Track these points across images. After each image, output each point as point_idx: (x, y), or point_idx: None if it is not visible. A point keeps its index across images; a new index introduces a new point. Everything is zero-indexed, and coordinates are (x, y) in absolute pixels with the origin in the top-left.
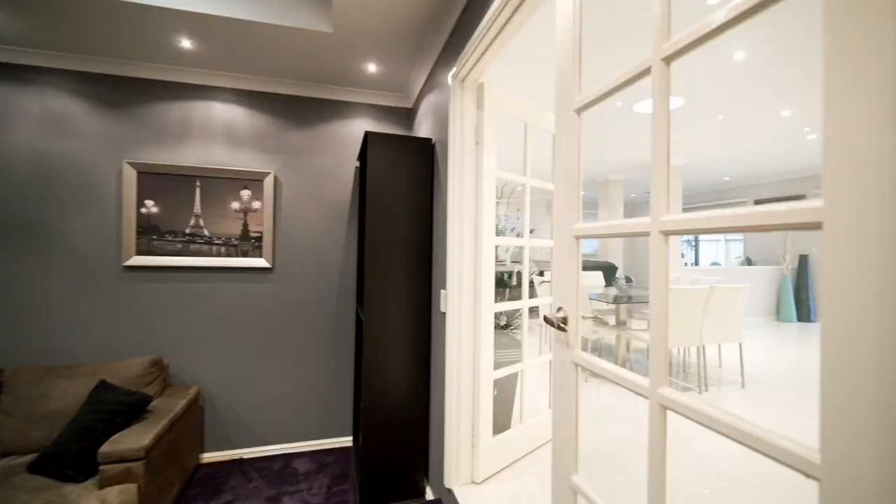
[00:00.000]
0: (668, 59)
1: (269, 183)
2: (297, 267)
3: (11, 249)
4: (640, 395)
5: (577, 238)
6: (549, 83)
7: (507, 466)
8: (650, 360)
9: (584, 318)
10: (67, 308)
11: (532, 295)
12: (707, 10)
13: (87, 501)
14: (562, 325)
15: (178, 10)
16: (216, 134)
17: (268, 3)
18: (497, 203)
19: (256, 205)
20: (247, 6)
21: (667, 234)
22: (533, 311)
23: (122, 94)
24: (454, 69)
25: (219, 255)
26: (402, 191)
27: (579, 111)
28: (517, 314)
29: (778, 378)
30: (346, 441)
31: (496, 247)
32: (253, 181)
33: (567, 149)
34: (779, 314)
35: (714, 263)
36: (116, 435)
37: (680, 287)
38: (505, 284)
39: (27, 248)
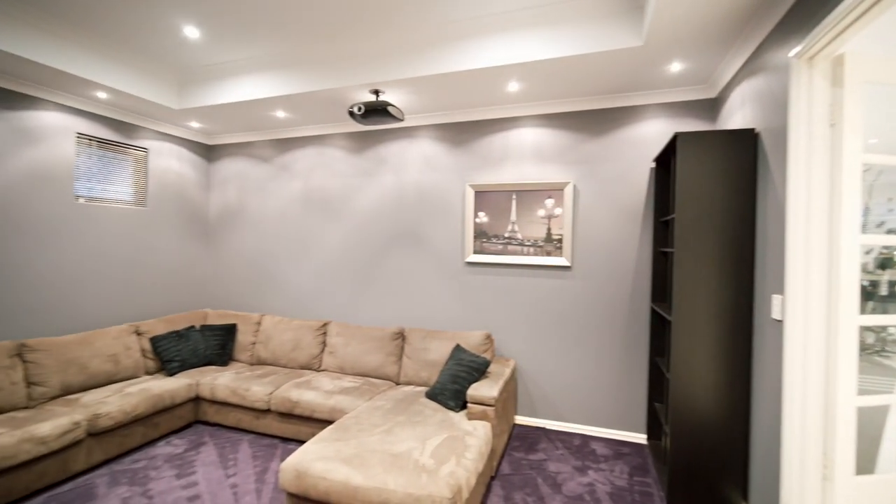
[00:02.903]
0: None
1: (568, 191)
2: (592, 265)
3: (404, 249)
4: None
5: None
6: None
7: None
8: None
9: None
10: (431, 290)
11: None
12: None
13: (465, 425)
14: None
15: (514, 64)
16: (526, 154)
17: (581, 34)
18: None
19: (558, 211)
20: (564, 43)
21: None
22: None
23: (464, 134)
24: (798, 47)
25: (528, 254)
26: (715, 188)
27: None
28: (885, 332)
29: None
30: (640, 437)
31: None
32: (555, 191)
33: None
34: None
35: None
36: (474, 384)
37: None
38: (870, 294)
39: (411, 248)
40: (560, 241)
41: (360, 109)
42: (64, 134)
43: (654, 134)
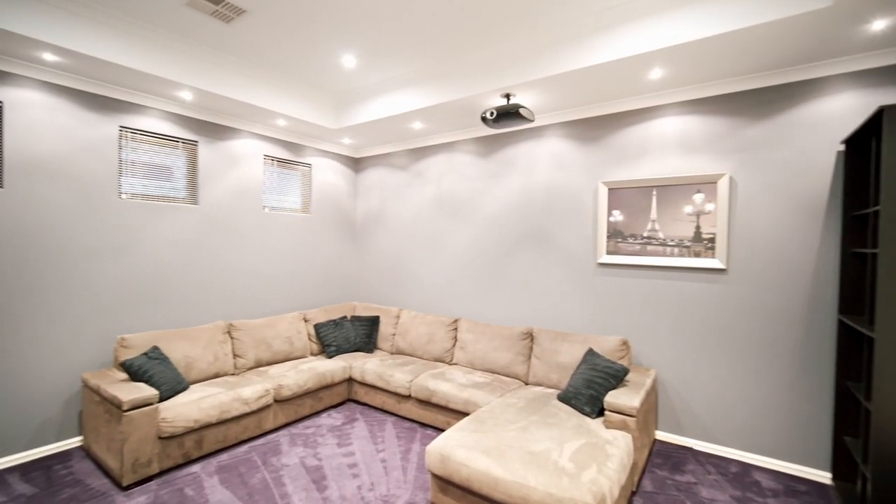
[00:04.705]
0: None
1: (723, 184)
2: (754, 269)
3: (532, 249)
4: None
5: None
6: None
7: None
8: None
9: None
10: (560, 291)
11: None
12: None
13: (604, 433)
14: None
15: (659, 50)
16: (670, 146)
17: (743, 6)
18: None
19: (709, 207)
20: (720, 18)
21: None
22: None
23: (596, 129)
24: None
25: (672, 255)
26: None
27: None
28: None
29: None
30: (821, 475)
31: None
32: (706, 184)
33: None
34: None
35: None
36: (612, 392)
37: None
38: None
39: (539, 248)
40: (712, 240)
41: (492, 114)
42: (255, 156)
43: (841, 110)
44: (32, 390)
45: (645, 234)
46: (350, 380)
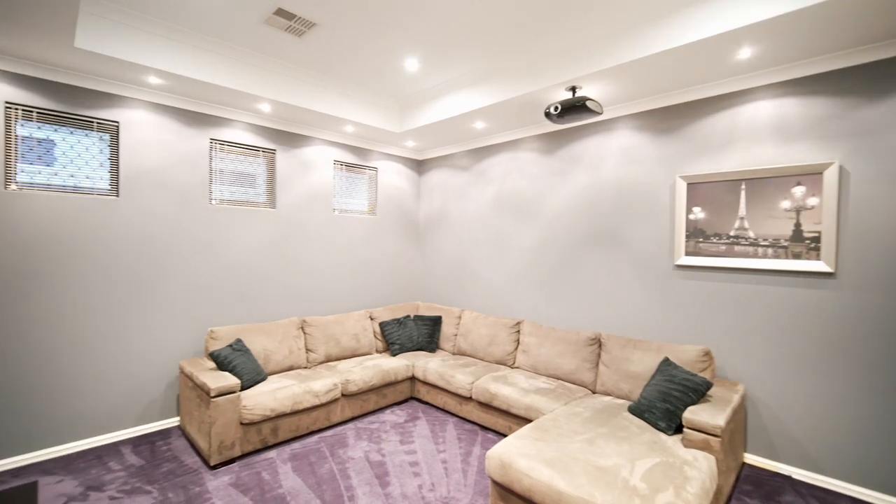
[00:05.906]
0: None
1: (830, 175)
2: (872, 273)
3: (600, 249)
4: None
5: None
6: None
7: None
8: None
9: None
10: (630, 294)
11: None
12: None
13: (682, 452)
14: None
15: (749, 25)
16: (762, 133)
17: None
18: None
19: (812, 201)
20: None
21: None
22: None
23: (673, 120)
24: None
25: (764, 256)
26: None
27: None
28: None
29: None
30: None
31: None
32: (808, 175)
33: None
34: None
35: None
36: (692, 407)
37: None
38: None
39: (607, 248)
40: (816, 239)
41: (556, 109)
42: (325, 161)
43: None
44: (141, 374)
45: (731, 233)
46: (413, 378)
